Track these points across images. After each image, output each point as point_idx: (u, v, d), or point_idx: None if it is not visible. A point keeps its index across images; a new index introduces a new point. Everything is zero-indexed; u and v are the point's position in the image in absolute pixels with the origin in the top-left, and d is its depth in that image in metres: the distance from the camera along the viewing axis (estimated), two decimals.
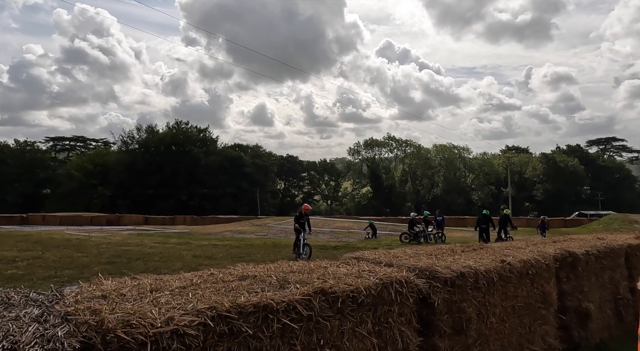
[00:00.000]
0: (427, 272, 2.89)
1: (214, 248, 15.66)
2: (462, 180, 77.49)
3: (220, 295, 1.90)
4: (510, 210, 17.78)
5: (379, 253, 3.44)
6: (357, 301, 2.25)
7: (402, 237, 19.12)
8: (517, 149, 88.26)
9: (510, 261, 3.46)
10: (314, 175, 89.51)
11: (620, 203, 73.15)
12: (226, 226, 31.87)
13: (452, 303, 2.89)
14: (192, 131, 66.41)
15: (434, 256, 3.62)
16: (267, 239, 20.76)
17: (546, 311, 3.71)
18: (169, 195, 63.41)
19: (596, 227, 32.21)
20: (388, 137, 77.71)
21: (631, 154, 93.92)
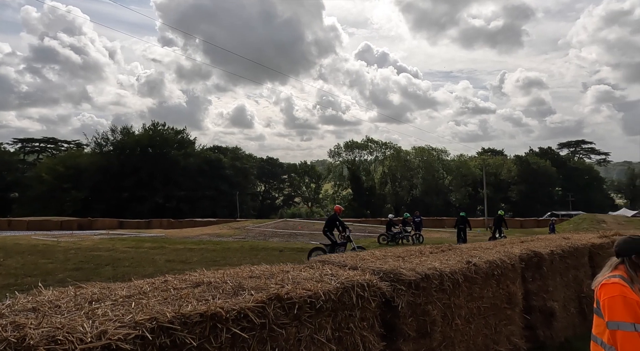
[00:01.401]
0: (391, 275, 2.85)
1: (189, 252, 15.31)
2: (440, 182, 78.91)
3: (165, 305, 1.79)
4: (503, 211, 19.13)
5: (346, 256, 3.38)
6: (315, 307, 2.18)
7: (380, 238, 19.23)
8: (492, 152, 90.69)
9: (475, 262, 3.47)
10: (294, 177, 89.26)
11: (589, 203, 76.21)
12: (204, 230, 31.25)
13: (417, 305, 2.86)
14: (169, 132, 65.02)
15: (401, 258, 3.60)
16: (245, 242, 20.48)
17: (512, 311, 3.74)
18: (145, 198, 61.82)
19: (566, 227, 33.36)
20: (368, 140, 78.40)
21: (599, 157, 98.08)
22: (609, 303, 2.27)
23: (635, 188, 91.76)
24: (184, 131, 66.90)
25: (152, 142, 63.62)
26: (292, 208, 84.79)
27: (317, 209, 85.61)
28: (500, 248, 4.41)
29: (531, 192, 75.30)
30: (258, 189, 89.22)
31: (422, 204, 69.74)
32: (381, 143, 78.65)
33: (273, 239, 26.64)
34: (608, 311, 2.27)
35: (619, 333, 2.21)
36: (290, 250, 15.91)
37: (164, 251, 15.41)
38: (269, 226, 32.64)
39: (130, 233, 28.89)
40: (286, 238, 25.66)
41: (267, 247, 17.02)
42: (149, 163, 62.31)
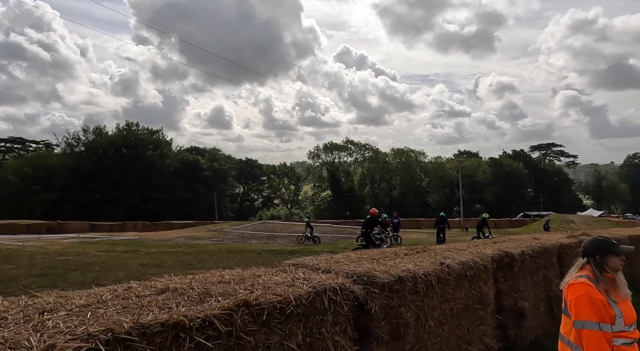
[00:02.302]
0: (365, 278, 2.82)
1: (164, 256, 14.91)
2: (418, 183, 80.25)
3: (124, 314, 1.69)
4: (487, 214, 20.11)
5: (320, 259, 3.34)
6: (285, 313, 2.12)
7: (358, 240, 19.26)
8: (468, 154, 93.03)
9: (449, 264, 3.50)
10: (273, 179, 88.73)
11: (559, 204, 79.28)
12: (180, 232, 30.55)
13: (390, 308, 2.85)
14: (143, 133, 63.35)
15: (375, 260, 3.59)
16: (223, 244, 20.14)
17: (484, 312, 3.79)
18: (119, 200, 59.96)
19: (537, 227, 34.54)
20: (347, 141, 78.84)
21: (568, 159, 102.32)
22: (575, 302, 2.32)
23: (601, 189, 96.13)
24: (160, 132, 65.43)
25: (126, 143, 61.85)
26: (272, 210, 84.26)
27: (297, 210, 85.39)
28: (473, 248, 4.48)
29: (505, 193, 77.64)
30: (237, 190, 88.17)
31: (400, 205, 70.69)
32: (360, 145, 79.30)
33: (251, 241, 26.32)
34: (574, 310, 2.32)
35: (584, 332, 2.26)
36: (268, 252, 15.74)
37: (138, 255, 14.94)
38: (248, 228, 32.25)
39: (102, 236, 27.92)
40: (265, 240, 25.41)
41: (244, 249, 16.79)
42: (123, 164, 60.52)
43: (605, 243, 2.40)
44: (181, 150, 70.93)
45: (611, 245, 2.37)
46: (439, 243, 14.98)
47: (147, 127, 64.34)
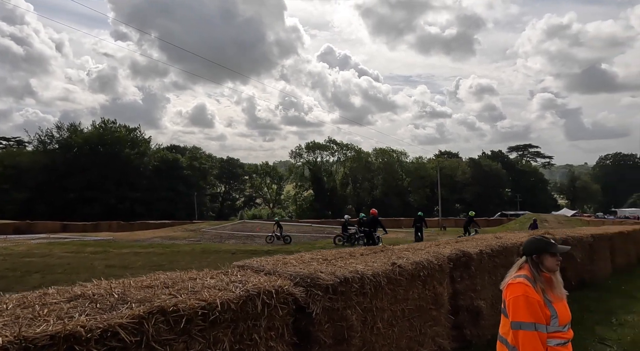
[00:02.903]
0: (308, 279, 2.73)
1: (135, 256, 14.50)
2: (399, 183, 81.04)
3: (10, 326, 1.54)
4: (474, 212, 21.57)
5: (268, 261, 3.23)
6: (209, 319, 2.00)
7: (336, 239, 19.27)
8: (448, 154, 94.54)
9: (401, 264, 3.44)
10: (255, 178, 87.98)
11: (535, 203, 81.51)
12: (156, 232, 29.86)
13: (334, 311, 2.76)
14: (121, 130, 61.72)
15: (328, 261, 3.50)
16: (198, 245, 19.76)
17: (437, 312, 3.76)
18: (95, 199, 58.28)
19: (513, 226, 35.39)
20: (329, 141, 78.89)
21: (544, 160, 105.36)
22: (512, 303, 2.29)
23: (575, 189, 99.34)
24: (138, 129, 63.88)
25: (103, 141, 60.17)
26: (253, 209, 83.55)
27: (279, 210, 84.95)
28: (432, 248, 4.46)
29: (484, 193, 79.28)
30: (218, 190, 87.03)
31: (382, 204, 71.21)
32: (342, 144, 79.47)
33: (229, 241, 25.96)
34: (512, 311, 2.29)
35: (520, 333, 2.23)
36: (244, 252, 15.51)
37: (107, 256, 14.48)
38: (226, 228, 31.82)
39: (74, 237, 27.01)
40: (243, 240, 25.10)
41: (219, 250, 16.49)
42: (100, 163, 58.86)
43: (542, 242, 2.38)
44: (160, 148, 69.54)
45: (547, 245, 2.35)
46: (416, 241, 15.51)
47: (124, 125, 62.74)
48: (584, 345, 4.57)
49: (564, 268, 7.22)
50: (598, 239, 8.85)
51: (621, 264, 10.59)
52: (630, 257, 11.54)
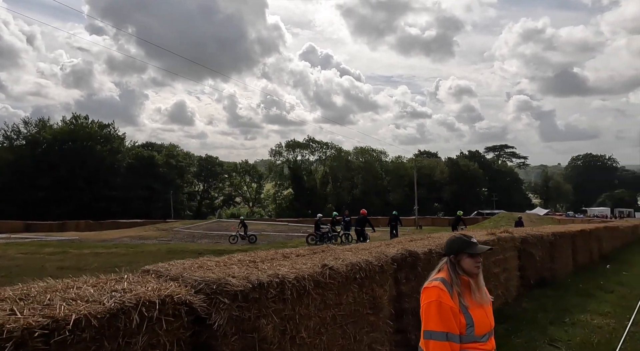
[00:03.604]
0: (213, 286, 2.40)
1: (94, 257, 13.81)
2: (379, 182, 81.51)
3: None
4: (462, 212, 22.19)
5: (177, 264, 2.88)
6: (53, 340, 1.65)
7: (309, 239, 19.01)
8: (427, 154, 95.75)
9: (333, 266, 3.16)
10: (234, 177, 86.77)
11: (511, 202, 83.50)
12: (126, 232, 28.86)
13: (244, 321, 2.45)
14: (93, 126, 59.62)
15: (255, 263, 3.19)
16: (167, 244, 19.12)
17: (376, 317, 3.51)
18: (66, 198, 56.10)
19: (487, 224, 35.94)
20: (309, 139, 78.55)
21: (519, 160, 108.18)
22: (425, 309, 2.04)
23: (548, 188, 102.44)
24: (111, 126, 61.86)
25: (74, 137, 57.93)
26: (232, 208, 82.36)
27: (258, 209, 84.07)
28: (377, 248, 4.21)
29: (461, 192, 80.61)
30: (196, 188, 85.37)
31: (362, 203, 71.42)
32: (323, 143, 79.30)
33: (202, 241, 25.34)
34: (424, 318, 2.04)
35: (430, 344, 1.98)
36: (211, 252, 15.00)
37: (64, 257, 13.74)
38: (200, 227, 31.07)
39: (37, 237, 25.77)
40: (216, 240, 24.54)
41: (187, 250, 15.95)
42: (70, 160, 56.67)
43: (459, 242, 2.14)
44: (135, 145, 67.55)
45: (465, 244, 2.11)
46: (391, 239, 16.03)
47: (97, 121, 60.63)
48: (533, 346, 4.43)
49: (523, 266, 7.15)
50: (559, 237, 8.86)
51: (583, 262, 10.71)
52: (592, 255, 11.71)
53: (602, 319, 5.53)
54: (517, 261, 6.89)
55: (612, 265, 11.13)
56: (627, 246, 17.15)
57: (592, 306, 6.20)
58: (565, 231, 9.49)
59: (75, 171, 56.35)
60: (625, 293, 7.14)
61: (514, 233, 7.01)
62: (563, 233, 9.25)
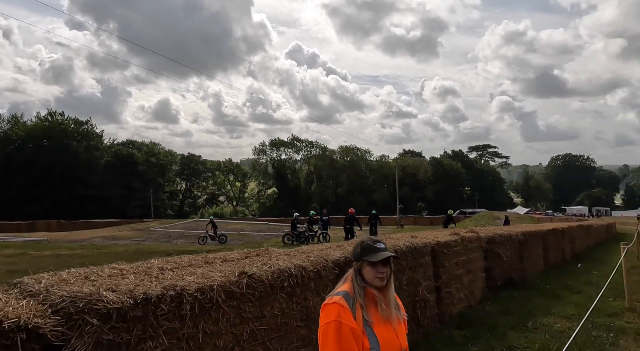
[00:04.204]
0: (80, 303, 1.98)
1: (54, 260, 13.06)
2: (364, 181, 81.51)
3: None
4: (452, 211, 23.30)
5: (47, 277, 2.42)
6: None
7: (285, 238, 18.60)
8: (412, 153, 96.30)
9: (254, 273, 2.77)
10: (218, 175, 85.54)
11: (493, 202, 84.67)
12: (99, 232, 27.88)
13: (120, 346, 2.03)
14: (69, 123, 57.76)
15: (161, 270, 2.77)
16: (138, 245, 18.41)
17: (308, 330, 3.13)
18: (41, 197, 54.17)
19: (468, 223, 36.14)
20: (293, 138, 77.97)
21: (501, 160, 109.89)
22: (322, 332, 1.66)
23: (529, 188, 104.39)
24: (89, 123, 60.03)
25: (49, 134, 56.00)
26: (215, 208, 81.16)
27: (242, 208, 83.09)
28: (319, 252, 3.83)
29: (444, 191, 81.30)
30: (178, 187, 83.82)
31: (346, 202, 71.24)
32: (307, 142, 78.84)
33: (178, 241, 24.67)
34: (320, 342, 1.66)
35: None
36: (181, 253, 14.42)
37: (20, 260, 12.95)
38: (177, 227, 30.29)
39: (1, 238, 24.57)
40: (192, 240, 23.89)
41: (156, 251, 15.30)
42: (45, 157, 54.75)
43: (360, 247, 1.77)
44: (114, 143, 65.81)
45: (365, 250, 1.75)
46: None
47: (73, 118, 58.75)
48: None
49: (490, 267, 6.88)
50: (529, 237, 8.68)
51: (555, 261, 10.59)
52: (564, 254, 11.63)
53: (565, 322, 5.30)
54: (483, 262, 6.63)
55: (583, 264, 11.06)
56: (600, 245, 17.29)
57: (556, 309, 5.98)
58: (535, 230, 9.33)
59: (50, 169, 54.49)
60: (592, 294, 6.96)
61: (480, 233, 6.75)
62: (533, 232, 9.08)
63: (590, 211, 76.21)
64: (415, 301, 4.54)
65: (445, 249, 5.37)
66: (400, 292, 4.27)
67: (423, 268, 4.83)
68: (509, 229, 8.48)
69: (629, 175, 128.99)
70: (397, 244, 4.53)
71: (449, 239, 5.56)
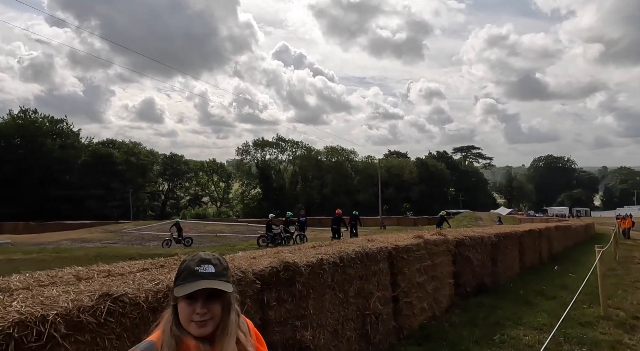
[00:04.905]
0: None
1: (4, 265, 12.12)
2: (349, 181, 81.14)
3: None
4: (445, 212, 23.12)
5: None
6: None
7: (260, 240, 17.91)
8: (397, 154, 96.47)
9: (125, 294, 2.13)
10: (201, 176, 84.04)
11: (476, 202, 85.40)
12: (69, 234, 26.65)
13: None
14: (43, 121, 55.74)
15: (54, 283, 2.11)
16: (103, 248, 17.46)
17: None
18: (11, 197, 51.95)
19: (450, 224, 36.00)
20: (278, 138, 77.12)
21: (485, 161, 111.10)
22: None
23: (512, 188, 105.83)
24: (65, 121, 58.02)
25: (22, 133, 53.86)
26: (197, 208, 79.64)
27: (226, 209, 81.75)
28: (242, 261, 3.22)
29: (429, 192, 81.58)
30: (160, 188, 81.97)
31: (331, 203, 70.72)
32: (292, 142, 78.06)
33: (151, 243, 23.73)
34: None
35: None
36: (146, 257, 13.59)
37: None
38: (153, 229, 29.22)
39: None
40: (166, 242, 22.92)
41: (120, 254, 14.44)
42: (18, 157, 52.65)
43: (179, 269, 1.19)
44: (91, 142, 63.84)
45: (181, 275, 1.16)
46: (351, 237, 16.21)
47: (49, 116, 56.71)
48: None
49: (459, 272, 6.36)
50: (503, 238, 8.23)
51: (532, 263, 10.21)
52: (542, 256, 11.28)
53: (535, 334, 4.80)
54: (451, 267, 6.11)
55: (560, 266, 10.71)
56: (579, 246, 17.13)
57: (527, 317, 5.49)
58: (511, 232, 8.90)
59: (23, 169, 52.40)
60: (566, 299, 6.52)
61: (448, 235, 6.23)
62: (508, 233, 8.64)
63: (571, 212, 77.53)
64: (364, 316, 3.96)
65: (405, 255, 4.81)
66: (344, 307, 3.68)
67: (377, 277, 4.26)
68: (481, 231, 8.01)
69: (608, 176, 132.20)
70: (345, 250, 3.95)
71: (410, 243, 5.01)
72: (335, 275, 3.66)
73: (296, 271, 3.22)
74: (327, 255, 3.66)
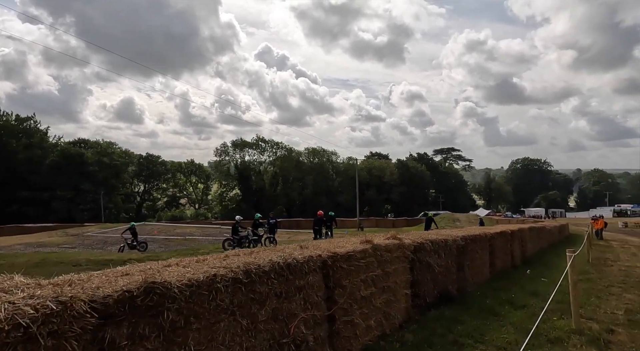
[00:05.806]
0: None
1: None
2: (330, 183, 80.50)
3: None
4: (432, 213, 22.92)
5: None
6: None
7: (225, 243, 16.92)
8: (378, 156, 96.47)
9: None
10: (179, 177, 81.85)
11: (456, 204, 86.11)
12: (26, 238, 24.93)
13: None
14: (7, 119, 52.97)
15: None
16: (52, 254, 16.09)
17: None
18: None
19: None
20: (258, 139, 75.83)
21: (465, 163, 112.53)
22: None
23: (490, 190, 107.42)
24: (32, 119, 55.30)
25: None
26: (174, 210, 77.44)
27: (204, 211, 79.77)
28: (89, 284, 2.35)
29: (410, 193, 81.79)
30: (136, 189, 79.35)
31: (312, 204, 69.88)
32: (273, 143, 76.89)
33: (114, 247, 22.30)
34: None
35: None
36: (95, 263, 12.45)
37: None
38: (118, 232, 27.66)
39: None
40: (120, 248, 21.57)
41: (66, 260, 13.20)
42: None
43: None
44: (60, 141, 61.13)
45: None
46: (326, 238, 17.23)
47: (11, 113, 53.92)
48: None
49: (417, 281, 5.61)
50: (472, 241, 7.58)
51: (503, 267, 9.64)
52: (514, 259, 10.75)
53: None
54: (408, 276, 5.37)
55: (533, 270, 10.19)
56: (553, 247, 16.82)
57: (491, 333, 4.80)
58: (480, 234, 8.27)
59: None
60: (536, 309, 5.89)
61: (405, 239, 5.48)
62: (477, 235, 8.00)
63: (547, 213, 79.04)
64: (281, 344, 3.14)
65: (346, 264, 4.02)
66: (252, 335, 2.85)
67: (303, 293, 3.45)
68: (446, 233, 7.33)
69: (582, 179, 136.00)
70: (256, 262, 3.12)
71: (352, 249, 4.22)
72: (237, 295, 2.83)
73: (167, 294, 2.37)
74: (226, 269, 2.82)
